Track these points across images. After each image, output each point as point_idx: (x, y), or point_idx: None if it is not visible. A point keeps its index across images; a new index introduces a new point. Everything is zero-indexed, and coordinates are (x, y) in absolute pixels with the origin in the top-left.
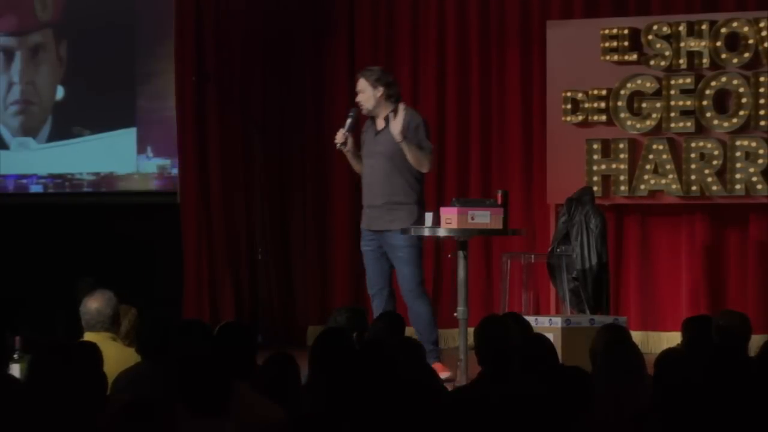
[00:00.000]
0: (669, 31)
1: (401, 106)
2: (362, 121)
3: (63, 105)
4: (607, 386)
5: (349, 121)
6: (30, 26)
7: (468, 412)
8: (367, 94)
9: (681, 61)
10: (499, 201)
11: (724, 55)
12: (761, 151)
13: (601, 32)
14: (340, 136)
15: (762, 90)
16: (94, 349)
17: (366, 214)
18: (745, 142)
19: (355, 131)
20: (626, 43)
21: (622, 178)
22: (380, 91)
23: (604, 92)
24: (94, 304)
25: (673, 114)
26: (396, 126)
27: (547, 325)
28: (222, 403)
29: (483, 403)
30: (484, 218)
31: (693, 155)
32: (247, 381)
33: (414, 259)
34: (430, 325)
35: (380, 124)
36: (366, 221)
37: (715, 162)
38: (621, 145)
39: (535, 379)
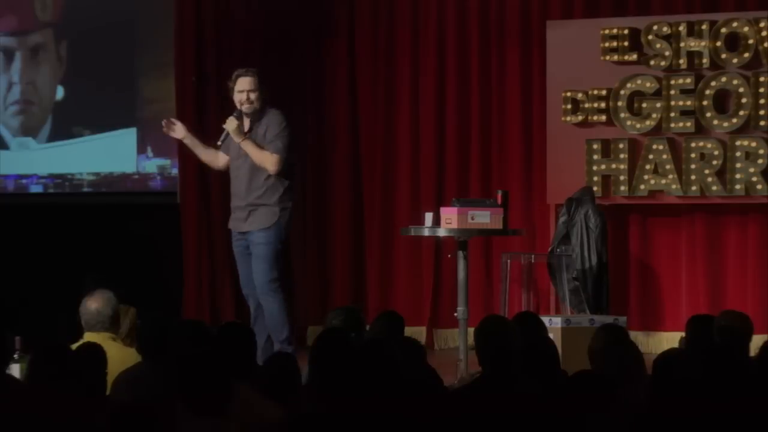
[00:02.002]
0: (669, 31)
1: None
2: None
3: (63, 105)
4: None
5: (235, 114)
6: (30, 26)
7: (468, 412)
8: (257, 93)
9: (681, 61)
10: (499, 201)
11: (724, 55)
12: (761, 151)
13: (601, 32)
14: (233, 124)
15: (762, 90)
16: (97, 350)
17: (232, 215)
18: (745, 142)
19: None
20: (626, 43)
21: (622, 178)
22: (265, 92)
23: (604, 92)
24: (93, 304)
25: (673, 114)
26: (230, 125)
27: (547, 325)
28: (222, 403)
29: (483, 403)
30: (484, 218)
31: (693, 155)
32: (247, 381)
33: (269, 257)
34: (281, 323)
35: (247, 125)
36: (232, 222)
37: (715, 162)
38: (621, 145)
39: (536, 379)
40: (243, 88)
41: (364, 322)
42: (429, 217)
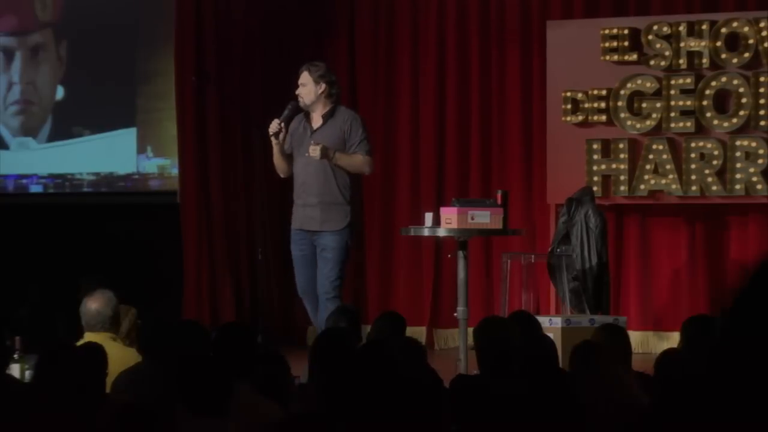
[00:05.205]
0: (669, 31)
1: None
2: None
3: (63, 105)
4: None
5: (285, 112)
6: (30, 26)
7: (467, 412)
8: (308, 87)
9: (681, 61)
10: (499, 201)
11: (724, 55)
12: (761, 151)
13: (601, 32)
14: (274, 126)
15: (762, 90)
16: (98, 350)
17: (300, 213)
18: (745, 142)
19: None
20: (626, 43)
21: (622, 178)
22: (322, 87)
23: (604, 92)
24: (94, 304)
25: (673, 114)
26: (315, 152)
27: (547, 325)
28: (222, 403)
29: (481, 392)
30: (484, 218)
31: (693, 155)
32: (247, 381)
33: (339, 260)
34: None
35: (316, 121)
36: (300, 221)
37: (715, 162)
38: (621, 145)
39: (533, 380)
40: (299, 82)
41: (359, 322)
42: (429, 217)
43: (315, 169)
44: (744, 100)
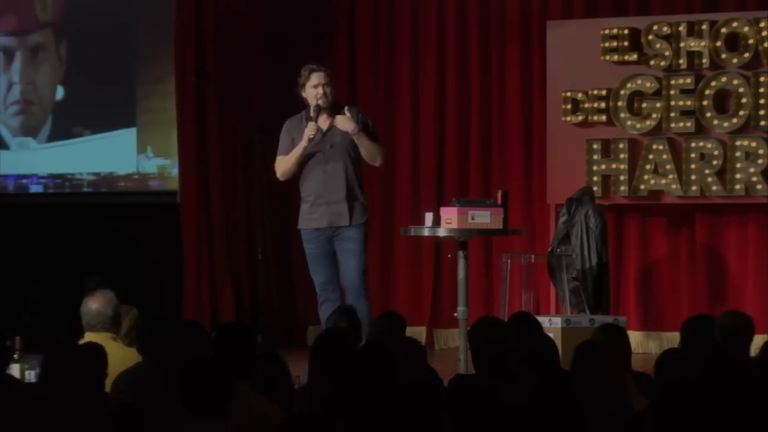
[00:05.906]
0: (669, 31)
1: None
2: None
3: (63, 105)
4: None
5: (314, 115)
6: (30, 26)
7: (462, 413)
8: (332, 87)
9: (681, 61)
10: (499, 201)
11: (724, 55)
12: (761, 151)
13: (601, 32)
14: (313, 129)
15: (762, 90)
16: (99, 350)
17: (323, 211)
18: (745, 142)
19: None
20: (626, 43)
21: (622, 178)
22: (335, 87)
23: (604, 92)
24: (94, 304)
25: (673, 114)
26: (346, 121)
27: (547, 325)
28: (222, 403)
29: (479, 393)
30: (484, 218)
31: (693, 155)
32: (247, 381)
33: (364, 252)
34: (368, 325)
35: (325, 122)
36: (325, 219)
37: (715, 162)
38: (621, 145)
39: (531, 379)
40: (318, 82)
41: (358, 322)
42: (429, 217)
43: (336, 167)
44: (744, 100)
